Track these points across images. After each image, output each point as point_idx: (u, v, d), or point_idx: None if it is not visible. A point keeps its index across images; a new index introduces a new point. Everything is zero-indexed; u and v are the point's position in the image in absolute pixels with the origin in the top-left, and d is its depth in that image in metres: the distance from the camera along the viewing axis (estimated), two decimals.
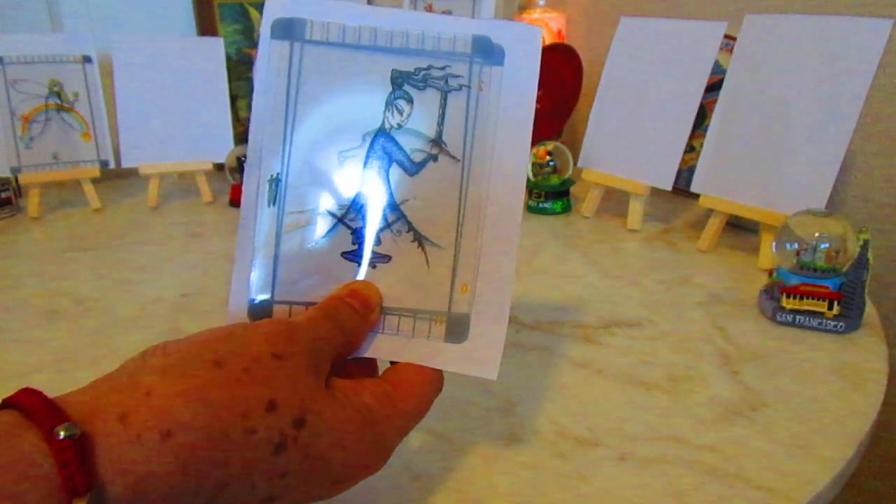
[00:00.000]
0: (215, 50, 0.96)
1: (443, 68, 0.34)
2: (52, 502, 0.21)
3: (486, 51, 0.34)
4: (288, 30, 0.33)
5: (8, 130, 0.86)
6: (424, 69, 0.34)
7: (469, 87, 0.34)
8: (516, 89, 0.34)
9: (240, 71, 1.07)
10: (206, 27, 1.09)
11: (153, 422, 0.23)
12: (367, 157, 0.34)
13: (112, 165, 0.92)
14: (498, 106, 0.34)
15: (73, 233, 0.84)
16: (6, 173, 0.87)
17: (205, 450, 0.24)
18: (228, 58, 0.99)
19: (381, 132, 0.34)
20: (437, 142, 0.34)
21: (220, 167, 0.95)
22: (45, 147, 0.88)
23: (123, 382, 0.25)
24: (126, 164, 0.92)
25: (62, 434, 0.22)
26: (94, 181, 0.92)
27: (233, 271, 0.34)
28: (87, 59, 0.90)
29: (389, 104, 0.34)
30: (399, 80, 0.34)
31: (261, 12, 0.34)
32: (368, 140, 0.34)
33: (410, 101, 0.34)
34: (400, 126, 0.34)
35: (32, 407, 0.23)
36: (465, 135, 0.34)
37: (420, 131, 0.34)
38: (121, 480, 0.22)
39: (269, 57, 0.33)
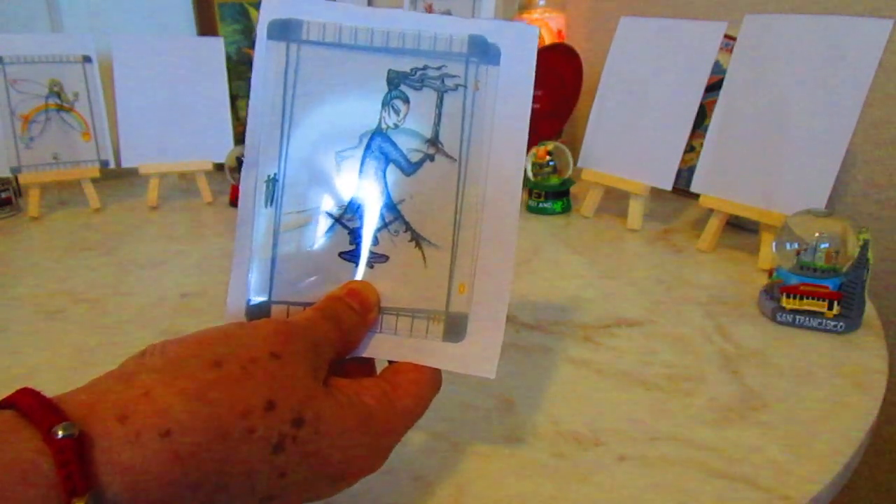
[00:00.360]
0: (215, 50, 0.96)
1: (439, 68, 0.34)
2: (52, 502, 0.21)
3: (483, 50, 0.33)
4: (284, 30, 0.33)
5: (8, 130, 0.86)
6: (421, 69, 0.34)
7: (465, 86, 0.34)
8: (513, 89, 0.34)
9: (240, 71, 1.07)
10: (206, 27, 1.09)
11: (152, 421, 0.23)
12: (364, 157, 0.34)
13: (112, 165, 0.92)
14: (494, 105, 0.34)
15: (73, 233, 0.84)
16: (6, 173, 0.87)
17: (204, 450, 0.24)
18: (228, 58, 0.99)
19: (378, 132, 0.34)
20: (434, 142, 0.34)
21: (220, 167, 0.95)
22: (45, 147, 0.88)
23: (122, 382, 0.25)
24: (126, 164, 0.92)
25: (61, 434, 0.22)
26: (94, 181, 0.92)
27: (231, 272, 0.34)
28: (87, 59, 0.91)
29: (386, 104, 0.34)
30: (395, 80, 0.34)
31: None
32: (365, 140, 0.34)
33: (407, 101, 0.34)
34: (396, 126, 0.34)
35: (30, 407, 0.23)
36: (461, 134, 0.34)
37: (416, 131, 0.34)
38: (120, 480, 0.22)
39: (265, 58, 0.33)
